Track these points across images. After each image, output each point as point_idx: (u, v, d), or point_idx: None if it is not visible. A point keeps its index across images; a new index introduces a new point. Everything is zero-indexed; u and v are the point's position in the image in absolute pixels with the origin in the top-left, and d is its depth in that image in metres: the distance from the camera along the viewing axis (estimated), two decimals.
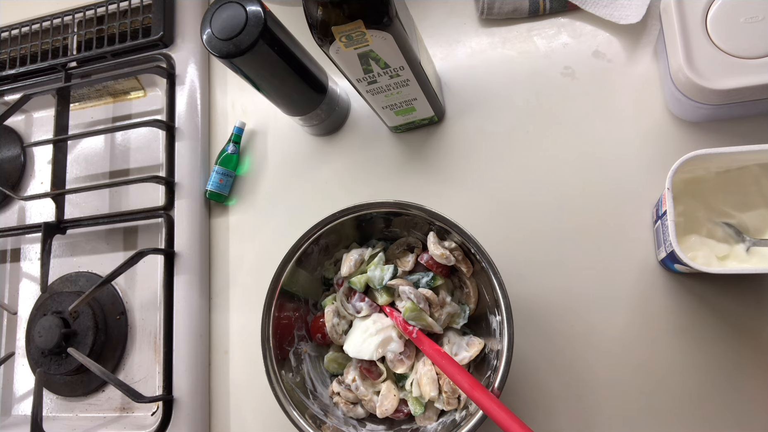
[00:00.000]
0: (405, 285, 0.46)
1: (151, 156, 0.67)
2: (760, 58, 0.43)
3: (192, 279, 0.59)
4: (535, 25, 0.56)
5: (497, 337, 0.43)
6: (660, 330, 0.47)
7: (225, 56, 0.45)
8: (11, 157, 0.73)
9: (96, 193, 0.68)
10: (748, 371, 0.45)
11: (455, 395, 0.44)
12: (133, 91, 0.70)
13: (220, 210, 0.63)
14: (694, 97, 0.45)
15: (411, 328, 0.45)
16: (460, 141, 0.56)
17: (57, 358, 0.61)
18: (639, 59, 0.52)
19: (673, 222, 0.40)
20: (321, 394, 0.48)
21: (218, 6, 0.45)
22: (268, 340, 0.45)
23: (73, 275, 0.66)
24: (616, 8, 0.52)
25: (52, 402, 0.64)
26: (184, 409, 0.56)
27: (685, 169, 0.41)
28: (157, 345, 0.61)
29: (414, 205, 0.44)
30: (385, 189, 0.57)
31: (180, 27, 0.67)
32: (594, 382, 0.48)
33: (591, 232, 0.50)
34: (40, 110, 0.74)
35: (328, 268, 0.51)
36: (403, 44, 0.41)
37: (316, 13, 0.39)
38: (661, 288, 0.48)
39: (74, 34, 0.70)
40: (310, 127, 0.59)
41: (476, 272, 0.46)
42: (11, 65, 0.72)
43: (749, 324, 0.46)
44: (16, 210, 0.72)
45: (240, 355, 0.58)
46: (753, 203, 0.43)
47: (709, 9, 0.44)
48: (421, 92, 0.49)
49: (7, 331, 0.69)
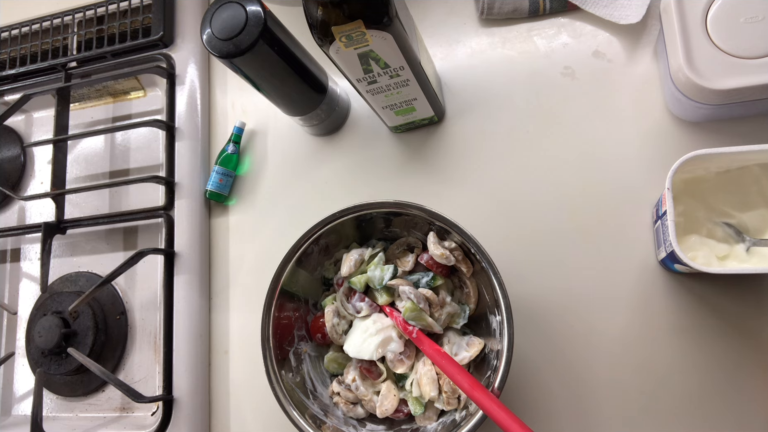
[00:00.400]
0: (405, 285, 0.46)
1: (151, 156, 0.67)
2: (760, 58, 0.43)
3: (192, 279, 0.59)
4: (535, 25, 0.56)
5: (497, 337, 0.43)
6: (660, 330, 0.47)
7: (225, 56, 0.45)
8: (11, 157, 0.73)
9: (96, 193, 0.68)
10: (748, 371, 0.45)
11: (455, 395, 0.44)
12: (133, 91, 0.70)
13: (220, 210, 0.63)
14: (694, 97, 0.45)
15: (411, 328, 0.45)
16: (460, 141, 0.56)
17: (57, 358, 0.61)
18: (639, 59, 0.52)
19: (673, 222, 0.40)
20: (321, 394, 0.48)
21: (218, 6, 0.45)
22: (268, 340, 0.45)
23: (73, 275, 0.66)
24: (616, 8, 0.52)
25: (52, 402, 0.64)
26: (184, 409, 0.56)
27: (685, 169, 0.41)
28: (157, 345, 0.61)
29: (414, 205, 0.44)
30: (385, 189, 0.57)
31: (180, 27, 0.67)
32: (594, 382, 0.48)
33: (591, 232, 0.50)
34: (40, 110, 0.74)
35: (328, 268, 0.51)
36: (403, 44, 0.41)
37: (316, 13, 0.39)
38: (661, 288, 0.48)
39: (74, 34, 0.70)
40: (310, 127, 0.59)
41: (476, 272, 0.46)
42: (11, 65, 0.72)
43: (749, 324, 0.46)
44: (16, 210, 0.72)
45: (240, 355, 0.58)
46: (753, 203, 0.43)
47: (709, 9, 0.44)
48: (421, 92, 0.49)
49: (7, 331, 0.69)
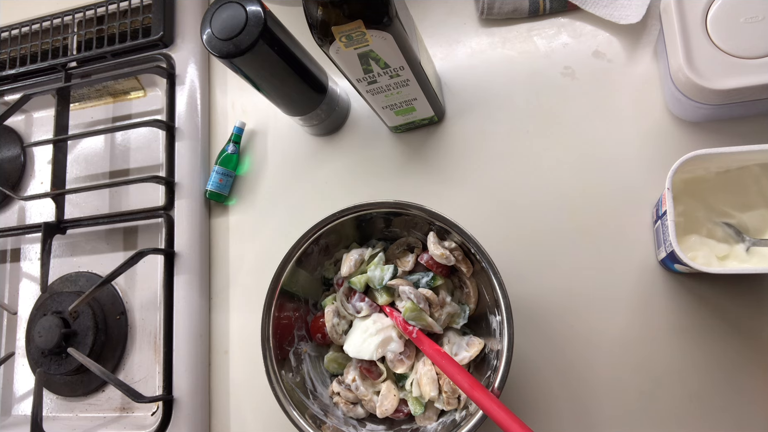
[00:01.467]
0: (405, 285, 0.46)
1: (151, 156, 0.67)
2: (760, 58, 0.43)
3: (192, 279, 0.59)
4: (535, 25, 0.56)
5: (497, 337, 0.43)
6: (660, 330, 0.47)
7: (225, 56, 0.45)
8: (11, 157, 0.73)
9: (96, 193, 0.68)
10: (748, 371, 0.45)
11: (455, 395, 0.44)
12: (133, 91, 0.70)
13: (220, 210, 0.63)
14: (694, 97, 0.45)
15: (411, 328, 0.45)
16: (460, 141, 0.56)
17: (57, 358, 0.61)
18: (639, 59, 0.52)
19: (673, 222, 0.40)
20: (321, 394, 0.48)
21: (218, 6, 0.45)
22: (268, 340, 0.45)
23: (73, 275, 0.66)
24: (616, 8, 0.52)
25: (52, 402, 0.64)
26: (184, 409, 0.56)
27: (685, 169, 0.41)
28: (157, 345, 0.61)
29: (414, 205, 0.44)
30: (385, 189, 0.57)
31: (180, 27, 0.67)
32: (594, 381, 0.48)
33: (591, 232, 0.50)
34: (40, 110, 0.74)
35: (328, 268, 0.51)
36: (403, 44, 0.41)
37: (316, 13, 0.39)
38: (661, 288, 0.48)
39: (74, 34, 0.70)
40: (310, 127, 0.59)
41: (476, 272, 0.46)
42: (11, 65, 0.72)
43: (749, 324, 0.46)
44: (16, 210, 0.72)
45: (240, 355, 0.58)
46: (753, 203, 0.43)
47: (709, 9, 0.44)
48: (421, 92, 0.49)
49: (7, 331, 0.69)
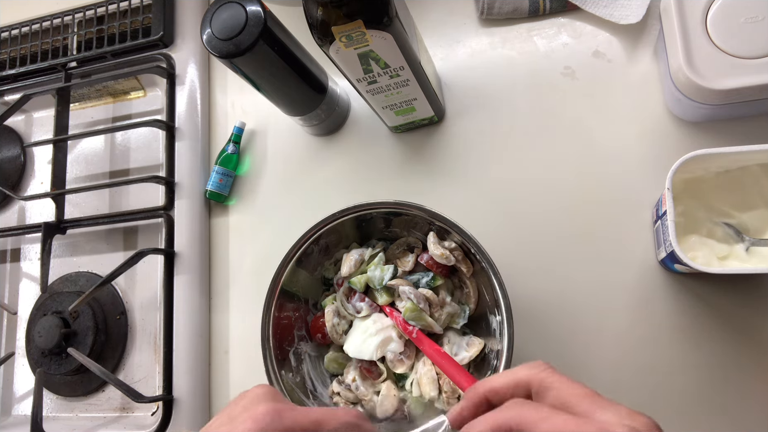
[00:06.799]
0: (405, 285, 0.46)
1: (151, 156, 0.67)
2: (760, 58, 0.43)
3: (192, 279, 0.59)
4: (535, 25, 0.56)
5: (497, 337, 0.43)
6: (660, 330, 0.47)
7: (225, 56, 0.45)
8: (11, 157, 0.73)
9: (96, 193, 0.68)
10: (748, 371, 0.45)
11: (455, 395, 0.44)
12: (133, 91, 0.70)
13: (220, 210, 0.62)
14: (694, 97, 0.45)
15: (411, 328, 0.45)
16: (460, 141, 0.56)
17: (57, 358, 0.61)
18: (639, 59, 0.52)
19: (673, 222, 0.40)
20: (321, 394, 0.48)
21: (218, 6, 0.45)
22: (268, 340, 0.45)
23: (73, 275, 0.66)
24: (616, 8, 0.52)
25: (52, 402, 0.64)
26: (184, 409, 0.56)
27: (685, 169, 0.41)
28: (157, 345, 0.61)
29: (414, 205, 0.44)
30: (385, 189, 0.57)
31: (180, 27, 0.67)
32: (594, 381, 0.47)
33: (591, 232, 0.50)
34: (40, 110, 0.74)
35: (328, 268, 0.51)
36: (403, 44, 0.41)
37: (316, 13, 0.39)
38: (661, 288, 0.48)
39: (74, 34, 0.70)
40: (310, 127, 0.59)
41: (476, 272, 0.46)
42: (11, 65, 0.72)
43: (749, 324, 0.46)
44: (16, 210, 0.72)
45: (240, 355, 0.58)
46: (753, 203, 0.43)
47: (709, 9, 0.44)
48: (421, 92, 0.49)
49: (7, 331, 0.69)
